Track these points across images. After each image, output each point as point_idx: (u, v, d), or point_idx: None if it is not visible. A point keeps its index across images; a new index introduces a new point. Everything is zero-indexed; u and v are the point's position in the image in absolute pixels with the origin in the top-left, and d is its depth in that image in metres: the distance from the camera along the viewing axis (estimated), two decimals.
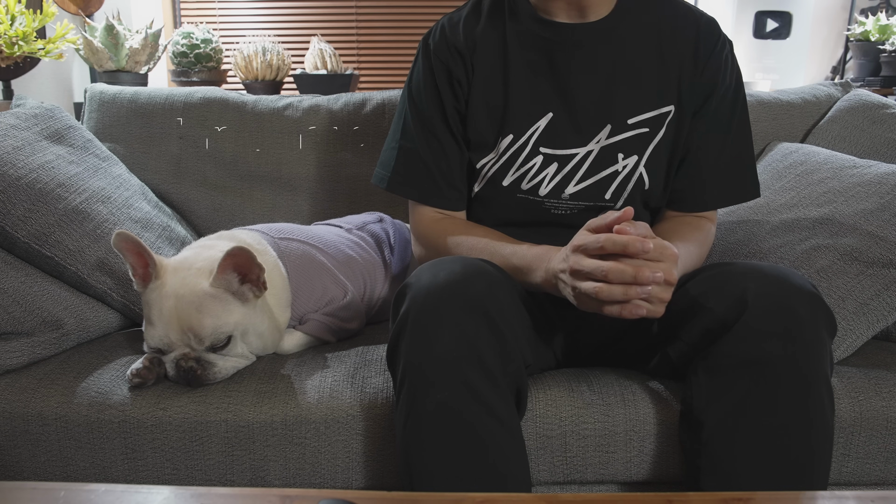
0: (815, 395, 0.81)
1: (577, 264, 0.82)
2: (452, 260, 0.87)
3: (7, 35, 1.52)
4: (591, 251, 0.82)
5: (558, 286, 0.88)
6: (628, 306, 0.80)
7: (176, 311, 0.96)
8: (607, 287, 0.79)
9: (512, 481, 0.80)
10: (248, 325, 1.01)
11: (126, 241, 0.97)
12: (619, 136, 1.01)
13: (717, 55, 1.01)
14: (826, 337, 0.83)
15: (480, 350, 0.80)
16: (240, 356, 1.02)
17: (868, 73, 2.05)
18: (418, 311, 0.81)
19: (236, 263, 0.97)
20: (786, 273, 0.86)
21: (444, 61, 1.05)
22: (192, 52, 1.86)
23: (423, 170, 1.06)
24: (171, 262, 1.01)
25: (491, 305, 0.82)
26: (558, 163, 1.02)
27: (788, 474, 0.80)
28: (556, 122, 1.02)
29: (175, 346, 0.98)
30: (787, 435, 0.80)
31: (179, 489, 0.64)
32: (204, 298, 0.96)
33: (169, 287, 0.97)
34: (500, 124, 1.03)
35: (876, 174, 1.19)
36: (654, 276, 0.78)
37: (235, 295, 0.99)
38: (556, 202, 1.04)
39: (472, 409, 0.78)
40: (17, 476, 0.98)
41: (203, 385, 0.99)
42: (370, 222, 1.36)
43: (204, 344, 0.97)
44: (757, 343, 0.82)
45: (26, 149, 1.15)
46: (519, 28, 1.03)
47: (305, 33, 2.47)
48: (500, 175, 1.04)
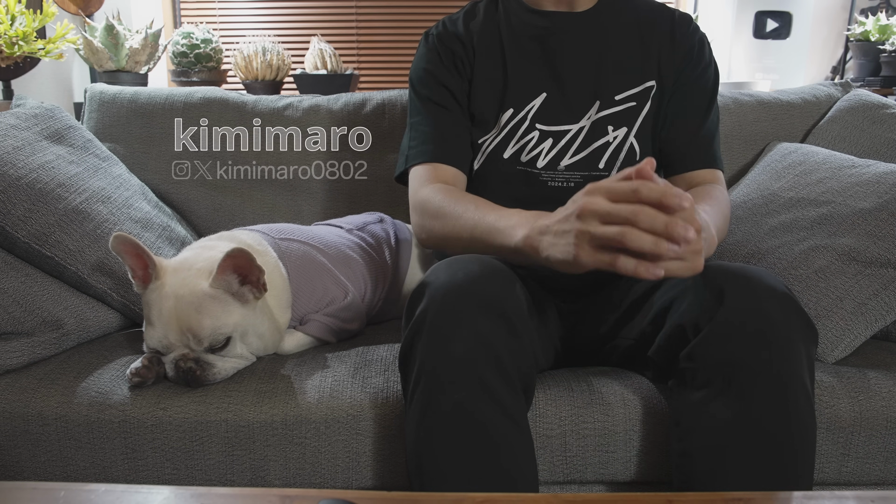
0: (792, 396, 0.80)
1: (597, 205, 0.72)
2: (469, 259, 0.87)
3: (7, 35, 1.52)
4: (618, 195, 0.71)
5: (541, 243, 0.80)
6: (646, 264, 0.69)
7: (175, 312, 0.96)
8: (637, 232, 0.69)
9: (522, 481, 0.80)
10: (248, 326, 1.01)
11: (124, 243, 0.97)
12: (608, 110, 1.08)
13: (689, 35, 1.11)
14: (799, 338, 0.82)
15: (498, 350, 0.80)
16: (239, 357, 1.02)
17: (868, 73, 2.05)
18: (436, 311, 0.81)
19: (236, 265, 0.97)
20: (759, 275, 0.85)
21: (447, 45, 1.13)
22: (192, 52, 1.86)
23: (433, 134, 1.10)
24: (170, 263, 1.01)
25: (508, 305, 0.82)
26: (553, 138, 1.08)
27: (770, 476, 0.80)
28: (549, 102, 1.09)
29: (174, 347, 0.98)
30: (765, 436, 0.80)
31: (179, 489, 0.64)
32: (203, 299, 0.96)
33: (168, 288, 0.97)
34: (500, 100, 1.10)
35: (874, 174, 1.19)
36: (686, 233, 0.68)
37: (235, 296, 0.99)
38: (552, 174, 1.08)
39: (488, 409, 0.78)
40: (17, 476, 0.98)
41: (202, 385, 0.99)
42: (371, 222, 1.36)
43: (203, 345, 0.97)
44: (729, 345, 0.81)
45: (26, 149, 1.15)
46: (512, 20, 1.12)
47: (305, 33, 2.46)
48: (500, 148, 1.09)
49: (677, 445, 0.86)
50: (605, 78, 1.09)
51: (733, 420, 0.80)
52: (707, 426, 0.82)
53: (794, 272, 1.12)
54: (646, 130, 1.09)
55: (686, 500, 0.69)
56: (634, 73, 1.09)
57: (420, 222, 1.05)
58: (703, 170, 1.09)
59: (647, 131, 1.09)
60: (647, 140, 1.09)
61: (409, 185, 1.10)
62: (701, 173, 1.09)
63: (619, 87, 1.09)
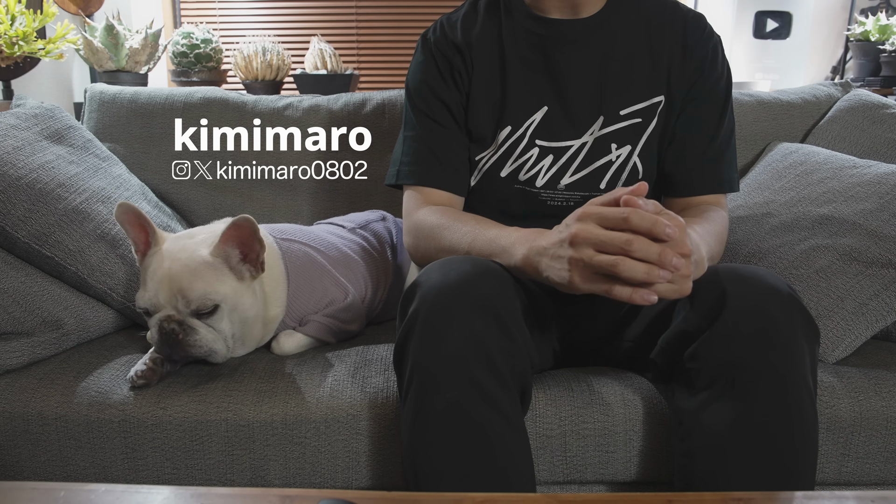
0: (794, 396, 0.80)
1: (589, 233, 0.74)
2: (462, 259, 0.87)
3: (7, 35, 1.52)
4: (608, 222, 0.74)
5: (540, 264, 0.82)
6: (641, 291, 0.72)
7: (169, 273, 0.97)
8: (630, 262, 0.71)
9: (517, 480, 0.80)
10: (238, 303, 1.01)
11: (128, 212, 0.99)
12: (611, 126, 1.04)
13: (703, 43, 1.05)
14: (802, 338, 0.82)
15: (490, 349, 0.79)
16: (220, 333, 1.00)
17: (868, 73, 2.05)
18: (428, 310, 0.81)
19: (240, 236, 0.99)
20: (761, 275, 0.85)
21: (445, 54, 1.08)
22: (192, 52, 1.86)
23: (428, 154, 1.07)
24: (172, 235, 1.03)
25: (500, 305, 0.82)
26: (553, 155, 1.05)
27: (772, 476, 0.80)
28: (550, 116, 1.05)
29: (161, 308, 0.98)
30: (767, 436, 0.80)
31: (179, 489, 0.64)
32: (200, 264, 0.98)
33: (167, 252, 0.99)
34: (498, 117, 1.06)
35: (876, 174, 1.19)
36: (677, 261, 0.72)
37: (233, 270, 1.00)
38: (551, 193, 1.06)
39: (481, 408, 0.78)
40: (17, 476, 0.98)
41: (184, 355, 0.98)
42: (373, 221, 1.36)
43: (190, 307, 0.97)
44: (732, 345, 0.81)
45: (26, 149, 1.15)
46: (514, 25, 1.07)
47: (305, 33, 2.46)
48: (497, 167, 1.06)
49: (679, 446, 0.86)
50: (609, 91, 1.04)
51: (736, 420, 0.80)
52: (709, 427, 0.82)
53: (795, 272, 1.12)
54: (650, 149, 1.05)
55: (686, 500, 0.69)
56: (641, 86, 1.04)
57: (415, 243, 1.05)
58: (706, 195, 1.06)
59: (652, 150, 1.05)
60: (651, 159, 1.05)
61: (403, 203, 1.10)
62: (703, 197, 1.06)
63: (624, 101, 1.04)
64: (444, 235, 0.98)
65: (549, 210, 1.06)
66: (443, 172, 1.07)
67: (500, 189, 1.07)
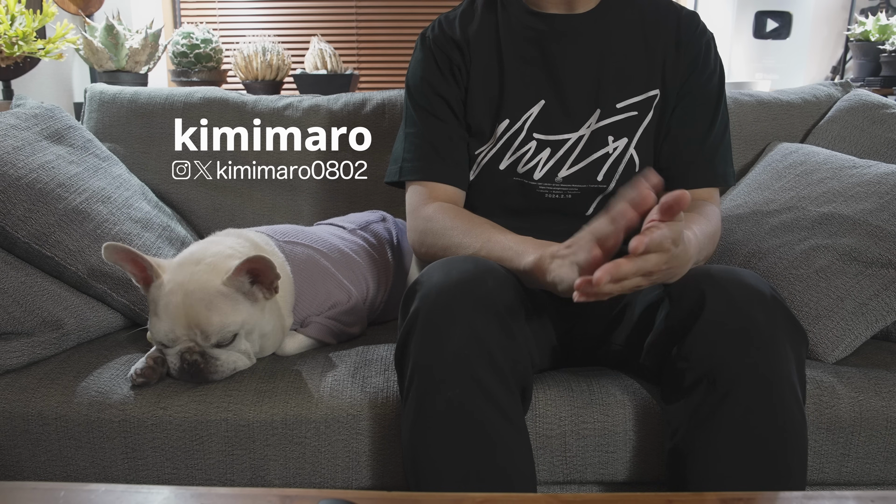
0: (777, 396, 0.80)
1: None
2: (464, 259, 0.88)
3: (7, 35, 1.52)
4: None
5: (551, 266, 0.84)
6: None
7: (184, 307, 0.96)
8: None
9: (518, 479, 0.80)
10: (255, 325, 1.01)
11: (116, 251, 0.97)
12: (608, 119, 1.05)
13: (696, 39, 1.07)
14: (785, 338, 0.82)
15: (491, 348, 0.80)
16: (243, 353, 1.02)
17: (868, 73, 2.05)
18: (430, 309, 0.81)
19: (253, 269, 0.97)
20: (742, 276, 0.85)
21: (443, 50, 1.10)
22: (192, 52, 1.86)
23: (429, 149, 1.08)
24: (173, 260, 1.01)
25: (502, 304, 0.83)
26: (551, 148, 1.06)
27: (760, 473, 0.80)
28: (548, 109, 1.06)
29: (180, 341, 0.98)
30: (752, 436, 0.80)
31: (179, 489, 0.64)
32: (214, 296, 0.96)
33: (175, 282, 0.97)
34: (496, 111, 1.07)
35: (875, 174, 1.19)
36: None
37: (245, 295, 0.99)
38: (549, 186, 1.06)
39: (482, 407, 0.78)
40: (17, 476, 0.98)
41: (206, 381, 0.99)
42: (373, 221, 1.36)
43: (210, 340, 0.97)
44: (713, 345, 0.82)
45: (26, 149, 1.15)
46: (511, 21, 1.09)
47: (305, 33, 2.46)
48: (495, 160, 1.07)
49: (668, 444, 0.86)
50: (606, 84, 1.06)
51: (719, 419, 0.81)
52: (695, 426, 0.82)
53: (795, 272, 1.12)
54: (647, 141, 1.06)
55: (686, 500, 0.69)
56: (638, 80, 1.06)
57: (421, 239, 1.05)
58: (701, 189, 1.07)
59: (649, 142, 1.07)
60: (647, 151, 1.07)
61: (406, 199, 1.10)
62: (698, 191, 1.07)
63: (620, 94, 1.06)
64: (454, 236, 0.98)
65: (546, 203, 1.07)
66: (446, 167, 1.08)
67: (499, 182, 1.08)
